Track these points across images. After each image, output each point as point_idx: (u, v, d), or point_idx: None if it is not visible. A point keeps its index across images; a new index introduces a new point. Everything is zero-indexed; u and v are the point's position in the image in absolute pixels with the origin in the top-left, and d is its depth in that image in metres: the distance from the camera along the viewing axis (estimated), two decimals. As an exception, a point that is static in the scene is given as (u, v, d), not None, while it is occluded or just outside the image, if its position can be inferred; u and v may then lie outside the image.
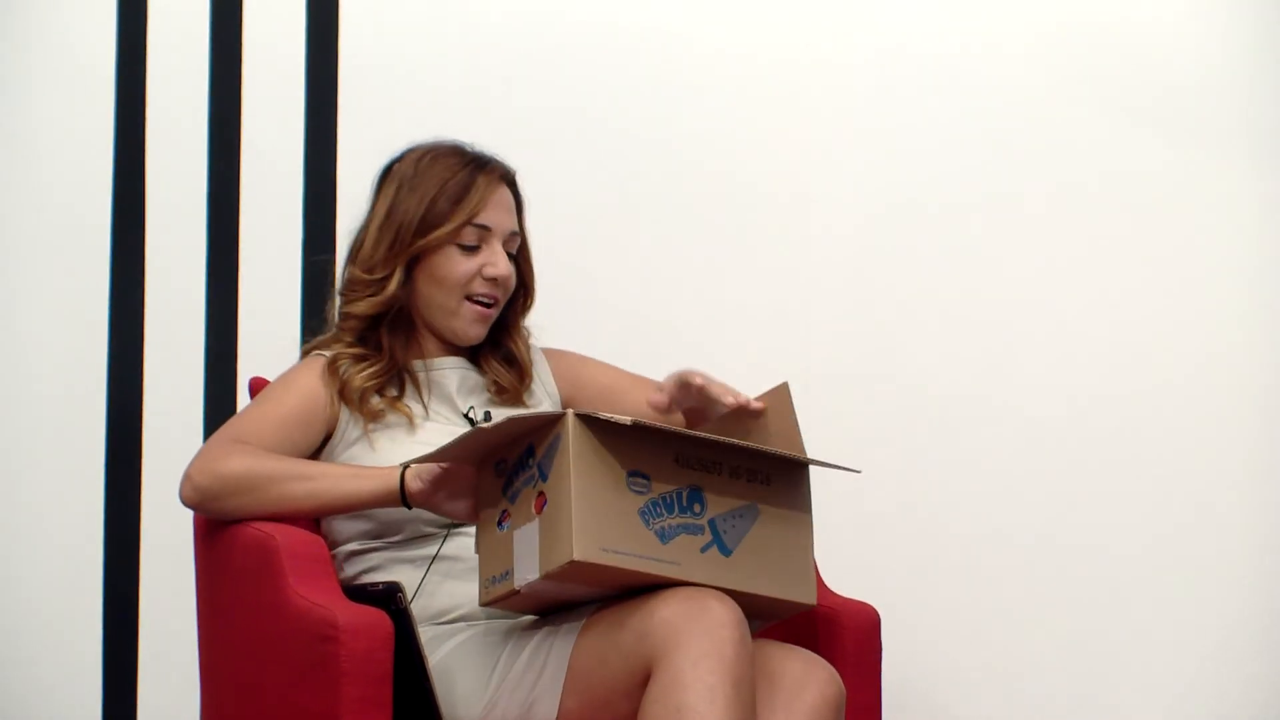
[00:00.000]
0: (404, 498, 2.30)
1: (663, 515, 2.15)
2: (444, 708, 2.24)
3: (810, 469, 2.27)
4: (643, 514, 2.14)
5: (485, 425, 2.17)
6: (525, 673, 2.22)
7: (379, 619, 2.19)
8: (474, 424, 2.44)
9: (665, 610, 2.11)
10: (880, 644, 2.46)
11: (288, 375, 2.50)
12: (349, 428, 2.45)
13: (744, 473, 2.22)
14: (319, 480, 2.35)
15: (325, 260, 3.06)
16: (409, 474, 2.29)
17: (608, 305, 3.16)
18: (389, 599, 2.24)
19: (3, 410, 3.08)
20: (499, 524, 2.21)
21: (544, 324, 2.61)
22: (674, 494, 2.17)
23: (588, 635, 2.18)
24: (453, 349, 2.54)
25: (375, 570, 2.41)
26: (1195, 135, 3.23)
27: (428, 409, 2.49)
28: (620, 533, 2.12)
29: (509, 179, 2.53)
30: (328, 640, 2.17)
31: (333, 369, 2.47)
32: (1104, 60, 3.24)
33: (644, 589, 2.15)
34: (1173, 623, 3.17)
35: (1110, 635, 3.17)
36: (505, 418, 2.15)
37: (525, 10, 3.20)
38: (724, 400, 2.26)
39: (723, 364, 3.18)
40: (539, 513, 2.14)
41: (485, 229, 2.48)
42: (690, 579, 2.15)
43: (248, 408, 2.49)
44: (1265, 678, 3.16)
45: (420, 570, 2.38)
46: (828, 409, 3.18)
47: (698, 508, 2.18)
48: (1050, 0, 3.25)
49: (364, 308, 2.48)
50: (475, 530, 2.28)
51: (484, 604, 2.23)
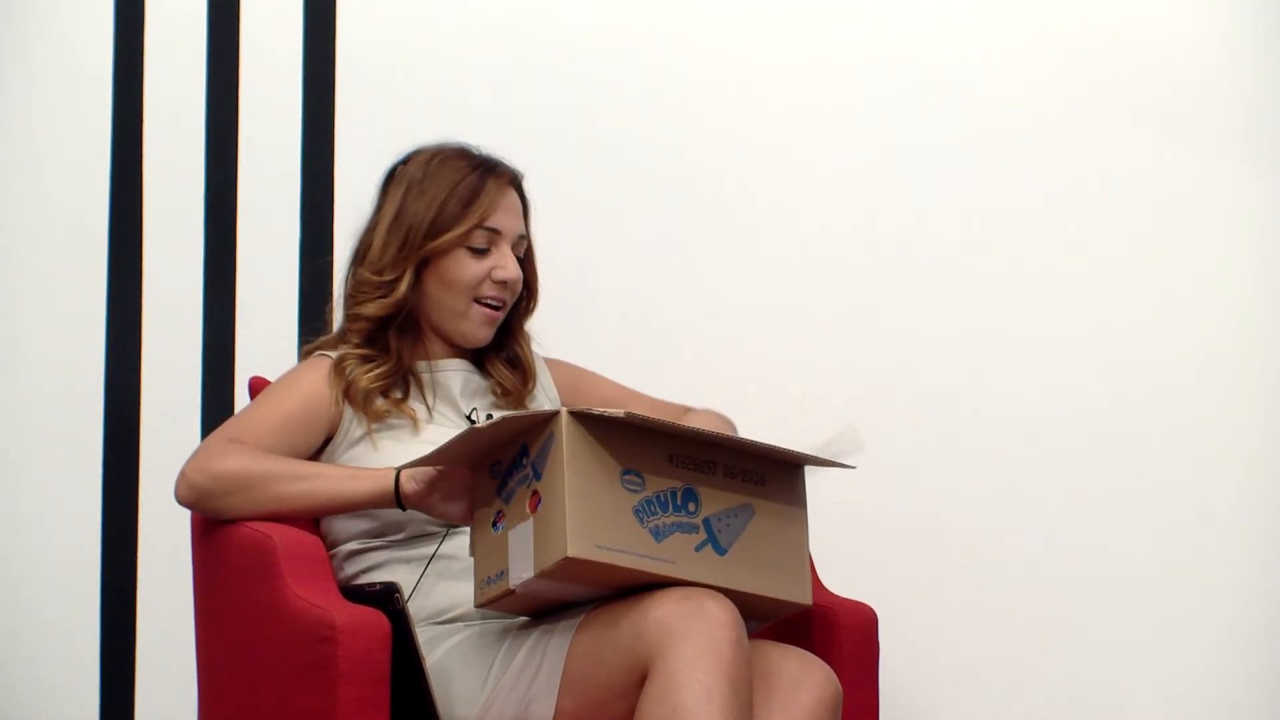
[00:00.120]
0: (398, 500, 2.30)
1: (657, 514, 2.16)
2: (441, 708, 2.24)
3: (806, 468, 2.28)
4: (637, 512, 2.14)
5: (478, 425, 2.17)
6: (521, 673, 2.22)
7: (376, 619, 2.19)
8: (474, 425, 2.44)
9: (661, 609, 2.11)
10: (877, 644, 2.46)
11: (290, 376, 2.51)
12: (352, 428, 2.45)
13: (739, 472, 2.22)
14: (314, 480, 2.35)
15: (324, 262, 3.07)
16: (404, 476, 2.30)
17: (604, 307, 3.16)
18: (386, 599, 2.24)
19: (1, 412, 3.08)
20: (494, 525, 2.21)
21: (542, 326, 2.61)
22: (668, 493, 2.17)
23: (583, 635, 2.18)
24: (457, 351, 2.54)
25: (374, 569, 2.41)
26: (1195, 137, 3.23)
27: (431, 411, 2.49)
28: (614, 530, 2.12)
29: (517, 183, 2.54)
30: (325, 641, 2.17)
31: (339, 369, 2.47)
32: (1104, 62, 3.24)
33: (639, 588, 2.16)
34: (1171, 623, 3.17)
35: (1109, 635, 3.17)
36: (498, 417, 2.16)
37: (523, 12, 3.20)
38: None
39: (721, 365, 3.20)
40: (533, 512, 2.14)
41: (495, 232, 2.48)
42: (685, 578, 2.15)
43: (247, 408, 2.49)
44: (1266, 678, 3.16)
45: (417, 569, 2.38)
46: (826, 409, 3.18)
47: (692, 506, 2.18)
48: (1050, 2, 3.25)
49: (374, 309, 2.48)
50: (470, 531, 2.29)
51: (479, 605, 2.23)
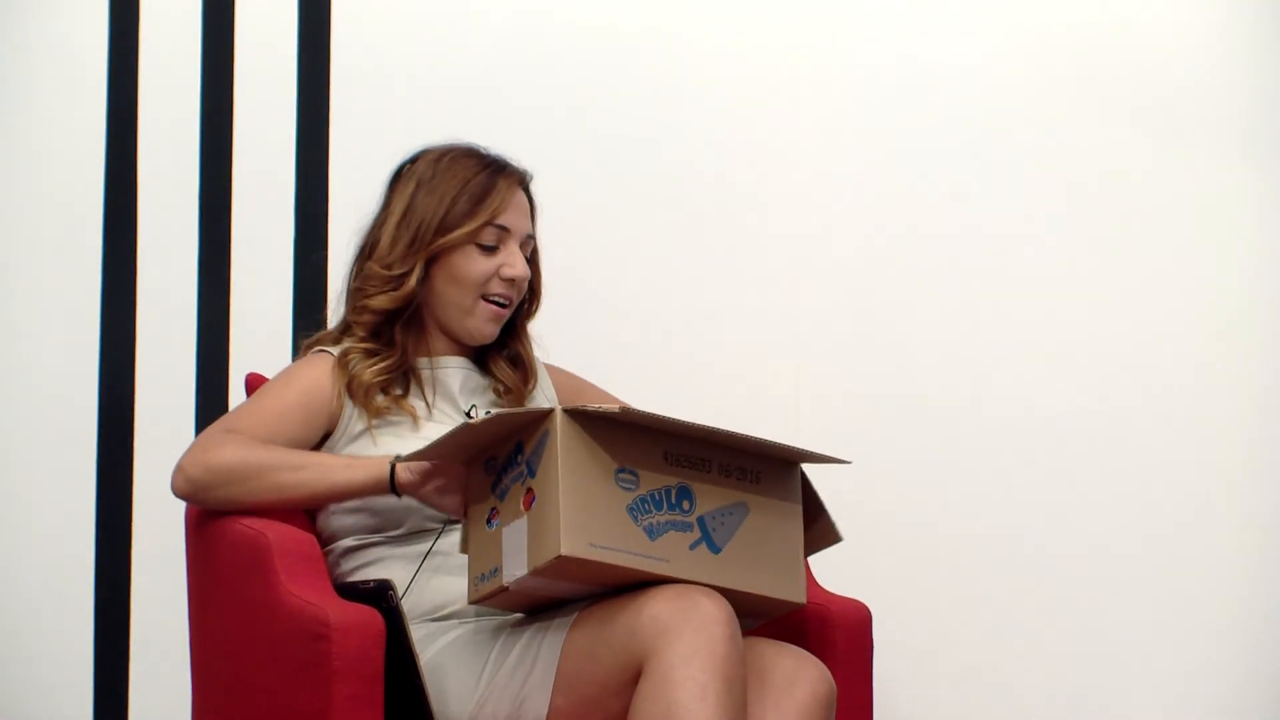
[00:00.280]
0: (394, 488, 2.31)
1: (651, 512, 2.15)
2: (435, 705, 2.24)
3: (802, 465, 2.28)
4: (631, 510, 2.14)
5: (472, 421, 2.17)
6: (516, 670, 2.22)
7: (370, 617, 2.19)
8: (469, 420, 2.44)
9: (655, 607, 2.11)
10: (872, 641, 2.46)
11: (290, 370, 2.51)
12: (352, 422, 2.46)
13: (734, 471, 2.22)
14: (310, 469, 2.36)
15: (320, 256, 3.07)
16: (399, 466, 2.30)
17: (602, 307, 3.16)
18: (380, 597, 2.23)
19: (-4, 410, 3.09)
20: (488, 522, 2.21)
21: (538, 326, 2.61)
22: (663, 491, 2.17)
23: (577, 632, 2.18)
24: (459, 349, 2.55)
25: (370, 566, 2.41)
26: (1195, 137, 3.23)
27: (431, 407, 2.49)
28: (608, 528, 2.12)
29: (525, 183, 2.56)
30: (319, 639, 2.17)
31: (343, 364, 2.48)
32: (1104, 62, 3.24)
33: (633, 586, 2.16)
34: (1169, 623, 3.17)
35: (1106, 635, 3.17)
36: (493, 413, 2.16)
37: (519, 12, 3.20)
38: None
39: (719, 366, 3.20)
40: (527, 509, 2.14)
41: (504, 230, 2.50)
42: (678, 576, 2.15)
43: (245, 402, 2.50)
44: (1264, 678, 3.16)
45: (413, 566, 2.38)
46: (824, 409, 3.18)
47: (686, 505, 2.18)
48: (1050, 3, 3.25)
49: (382, 302, 2.49)
50: (462, 529, 2.29)
51: (473, 602, 2.23)
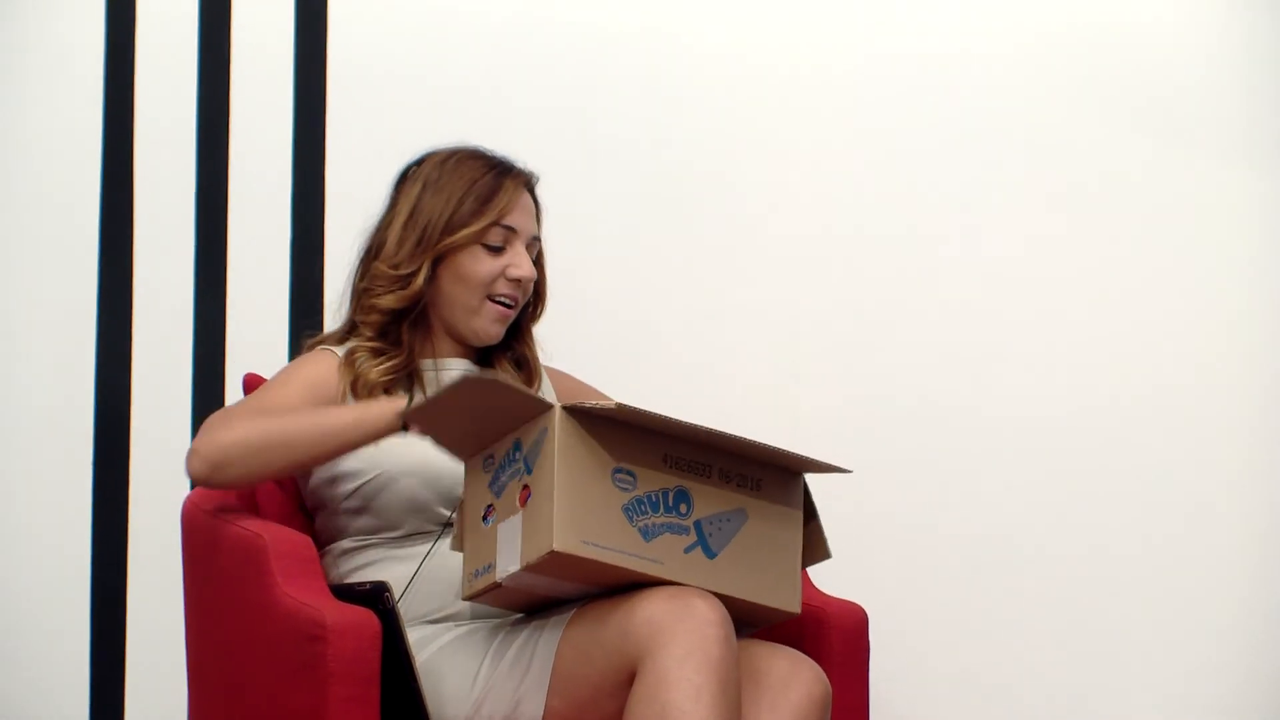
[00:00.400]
0: (405, 428, 2.29)
1: (647, 513, 2.16)
2: (431, 707, 2.24)
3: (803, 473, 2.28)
4: (626, 510, 2.14)
5: (471, 375, 2.16)
6: (511, 672, 2.22)
7: (367, 619, 2.19)
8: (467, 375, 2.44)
9: (649, 608, 2.11)
10: (868, 644, 2.46)
11: (295, 365, 2.51)
12: None
13: (734, 477, 2.22)
14: (322, 415, 2.34)
15: (316, 257, 3.07)
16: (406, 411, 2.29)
17: (599, 307, 3.16)
18: (376, 598, 2.23)
19: (-8, 412, 3.08)
20: (484, 518, 2.21)
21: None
22: (660, 493, 2.17)
23: (572, 633, 2.18)
24: (464, 351, 2.55)
25: (368, 568, 2.41)
26: (1194, 136, 3.23)
27: None
28: (602, 527, 2.12)
29: (531, 185, 2.56)
30: (315, 640, 2.17)
31: (349, 362, 2.48)
32: (1104, 62, 3.24)
33: (628, 587, 2.16)
34: (1170, 623, 3.17)
35: (1106, 635, 3.17)
36: (497, 376, 2.15)
37: (518, 13, 3.20)
38: None
39: (717, 367, 3.20)
40: (523, 506, 2.14)
41: (511, 231, 2.50)
42: (672, 578, 2.15)
43: (251, 394, 2.49)
44: (1264, 678, 3.16)
45: (411, 568, 2.38)
46: (822, 409, 3.18)
47: (684, 508, 2.18)
48: (1050, 3, 3.25)
49: (390, 302, 2.49)
50: (456, 527, 2.29)
51: (466, 598, 2.24)
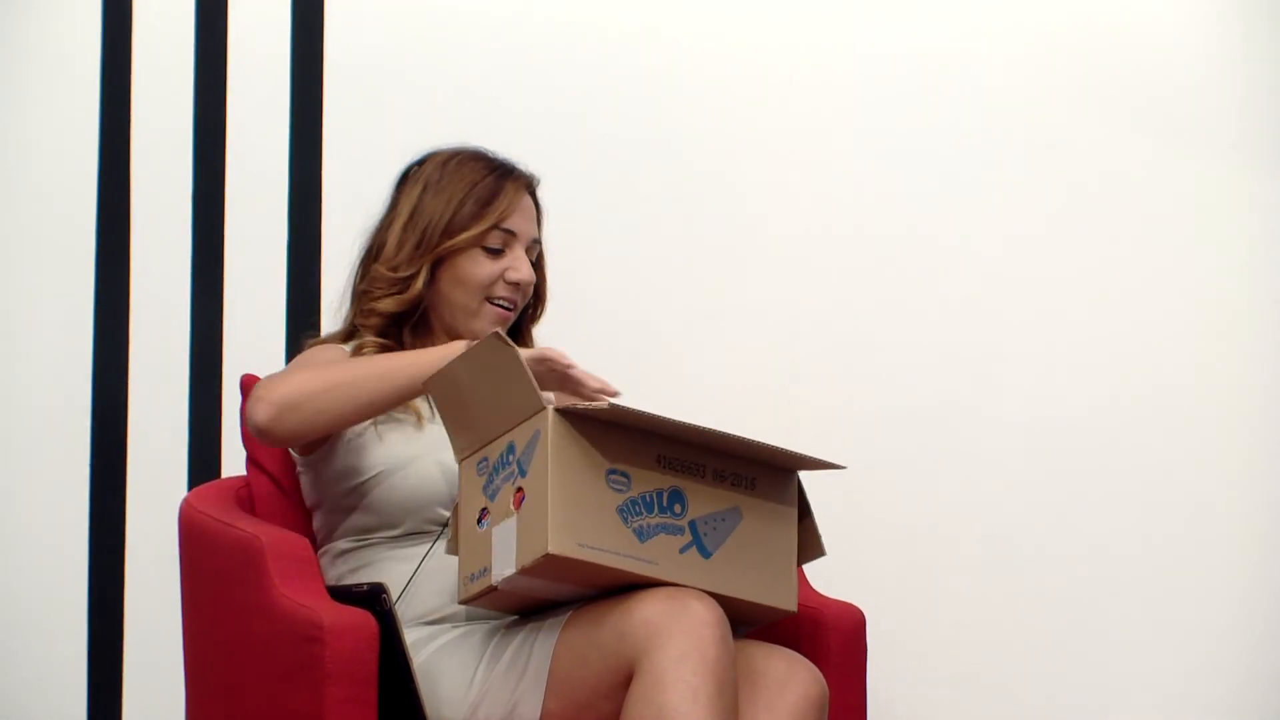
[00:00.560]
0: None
1: (642, 514, 2.16)
2: (428, 709, 2.24)
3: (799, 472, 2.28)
4: (621, 511, 2.14)
5: (503, 336, 2.16)
6: (508, 673, 2.22)
7: (364, 620, 2.19)
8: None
9: (646, 609, 2.11)
10: (865, 644, 2.46)
11: (308, 354, 2.51)
12: None
13: (729, 476, 2.22)
14: (380, 358, 2.36)
15: (314, 259, 3.08)
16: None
17: (598, 308, 3.16)
18: (374, 600, 2.23)
19: (-11, 413, 3.08)
20: (479, 521, 2.21)
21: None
22: (654, 494, 2.17)
23: (568, 634, 2.18)
24: None
25: (365, 568, 2.41)
26: (1194, 137, 3.23)
27: (434, 408, 2.49)
28: (597, 529, 2.12)
29: (532, 188, 2.56)
30: (313, 641, 2.17)
31: (357, 356, 2.48)
32: (1103, 62, 3.24)
33: (624, 588, 2.16)
34: (1170, 623, 3.17)
35: (1106, 635, 3.17)
36: (519, 349, 2.15)
37: (515, 13, 3.20)
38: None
39: (716, 367, 3.20)
40: (517, 509, 2.14)
41: (511, 234, 2.50)
42: (667, 579, 2.15)
43: (286, 366, 2.48)
44: (1263, 678, 3.16)
45: (409, 569, 2.38)
46: (822, 409, 3.18)
47: (678, 508, 2.18)
48: (1050, 3, 3.25)
49: (389, 305, 2.50)
50: (450, 530, 2.29)
51: (462, 601, 2.24)
